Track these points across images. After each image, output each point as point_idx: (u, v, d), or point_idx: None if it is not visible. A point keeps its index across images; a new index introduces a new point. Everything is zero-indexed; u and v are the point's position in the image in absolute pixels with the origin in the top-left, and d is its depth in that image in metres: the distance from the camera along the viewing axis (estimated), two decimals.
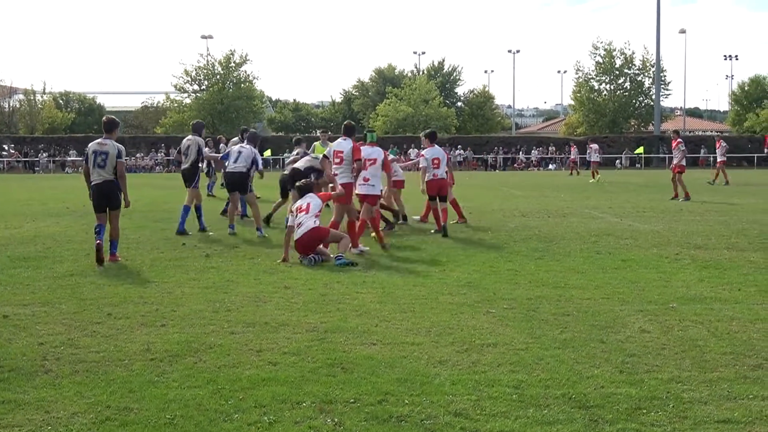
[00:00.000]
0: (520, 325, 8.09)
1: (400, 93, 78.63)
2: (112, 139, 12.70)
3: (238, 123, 71.38)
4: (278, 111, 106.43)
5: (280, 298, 9.49)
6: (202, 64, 74.98)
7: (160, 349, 7.19)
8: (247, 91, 74.99)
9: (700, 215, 19.90)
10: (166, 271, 11.49)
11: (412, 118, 75.28)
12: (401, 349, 7.18)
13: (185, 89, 75.55)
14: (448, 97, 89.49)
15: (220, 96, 73.01)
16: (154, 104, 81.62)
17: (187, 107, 74.67)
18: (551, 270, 11.53)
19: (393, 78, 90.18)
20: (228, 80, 74.58)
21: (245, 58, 75.10)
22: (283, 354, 7.04)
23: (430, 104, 77.21)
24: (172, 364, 6.74)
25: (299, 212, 12.65)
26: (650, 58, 75.46)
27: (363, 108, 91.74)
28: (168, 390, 6.04)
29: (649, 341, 7.46)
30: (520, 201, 25.55)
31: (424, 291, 9.93)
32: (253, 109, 75.90)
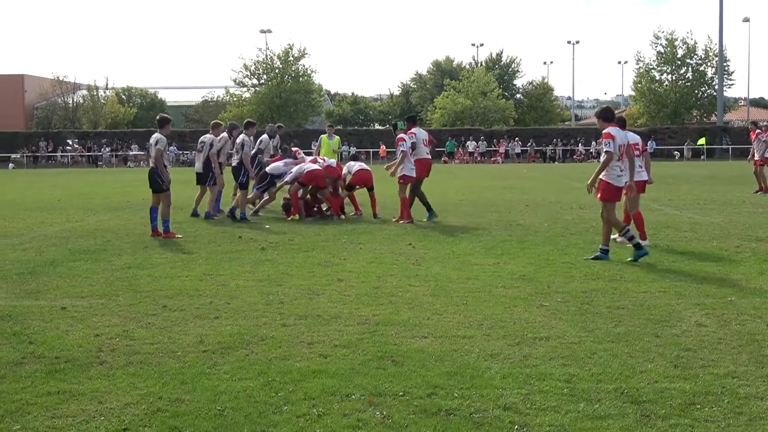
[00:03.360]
0: (574, 319, 8.01)
1: (458, 85, 78.50)
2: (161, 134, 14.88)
3: (296, 117, 72.10)
4: (336, 104, 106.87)
5: (333, 291, 9.52)
6: (261, 59, 75.66)
7: (212, 341, 7.26)
8: (305, 84, 75.43)
9: (763, 207, 19.50)
10: (221, 264, 11.60)
11: (471, 111, 75.03)
12: (452, 343, 7.15)
13: (244, 83, 76.33)
14: (507, 89, 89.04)
15: (279, 90, 73.55)
16: (214, 98, 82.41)
17: (246, 101, 75.39)
18: (607, 263, 11.38)
19: (451, 70, 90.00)
20: (286, 74, 75.07)
21: (303, 52, 75.55)
22: (334, 346, 7.06)
23: (489, 96, 76.94)
24: (224, 356, 6.80)
25: None
26: (713, 48, 74.20)
27: (421, 101, 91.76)
28: (219, 382, 6.09)
29: (705, 335, 7.32)
30: (579, 193, 25.24)
31: (478, 284, 9.88)
32: (311, 102, 76.33)
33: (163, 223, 14.73)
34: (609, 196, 11.69)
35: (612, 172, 11.63)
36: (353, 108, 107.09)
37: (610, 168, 11.61)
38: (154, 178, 14.84)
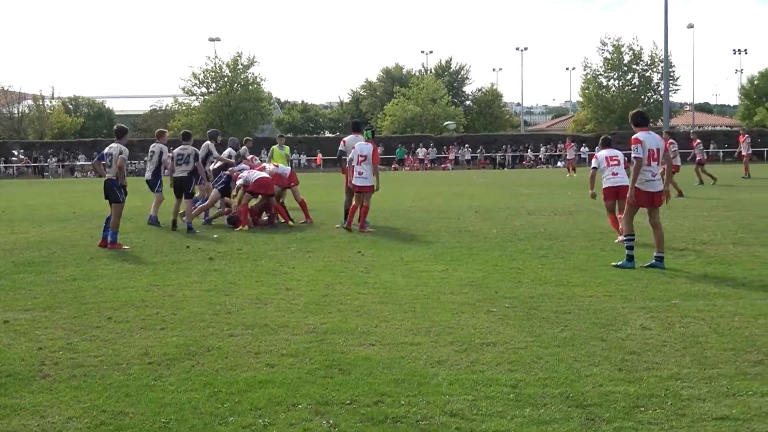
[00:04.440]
0: (521, 324, 8.06)
1: (407, 92, 78.68)
2: (121, 144, 15.00)
3: (246, 125, 71.76)
4: (286, 112, 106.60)
5: (281, 300, 9.47)
6: (210, 67, 75.16)
7: (158, 353, 7.18)
8: (254, 92, 75.14)
9: (707, 211, 19.81)
10: (168, 275, 11.49)
11: (420, 118, 75.27)
12: (400, 350, 7.15)
13: (193, 92, 75.74)
14: (456, 95, 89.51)
15: (228, 98, 73.13)
16: (162, 107, 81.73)
17: (195, 110, 74.83)
18: (555, 268, 11.49)
19: (401, 77, 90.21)
20: (236, 82, 74.67)
21: (253, 60, 75.28)
22: (281, 356, 7.02)
23: (438, 103, 77.23)
24: (169, 368, 6.72)
25: None
26: (659, 54, 75.14)
27: (371, 108, 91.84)
28: (164, 394, 6.02)
29: (649, 338, 7.41)
30: (527, 199, 25.48)
31: (426, 291, 9.90)
32: (260, 110, 76.02)
33: (111, 234, 14.56)
34: (636, 201, 11.57)
35: (641, 177, 11.49)
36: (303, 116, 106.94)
37: (641, 173, 11.46)
38: (113, 189, 14.68)
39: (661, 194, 11.63)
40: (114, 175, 14.76)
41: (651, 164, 11.51)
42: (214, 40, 78.71)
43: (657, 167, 11.61)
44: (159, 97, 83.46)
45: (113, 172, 14.78)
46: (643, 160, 11.43)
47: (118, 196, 14.69)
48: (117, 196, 14.68)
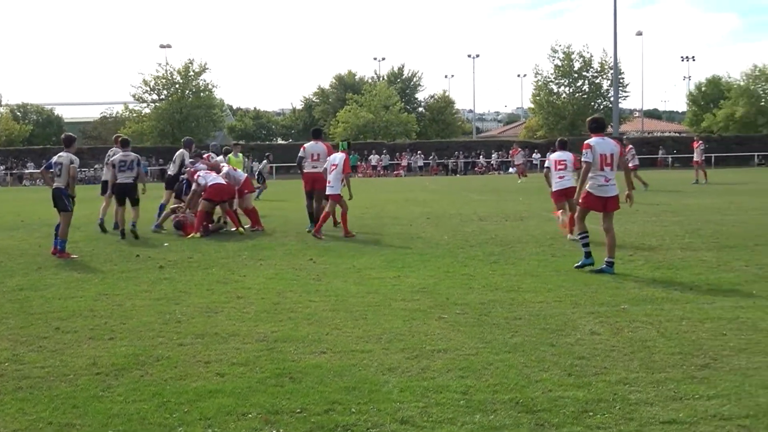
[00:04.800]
0: (472, 330, 8.09)
1: (360, 99, 78.69)
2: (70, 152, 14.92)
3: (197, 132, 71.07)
4: (239, 119, 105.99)
5: (232, 308, 9.41)
6: (161, 74, 74.43)
7: (106, 363, 7.09)
8: (206, 99, 74.50)
9: (656, 216, 20.07)
10: (118, 284, 11.35)
11: (373, 124, 75.34)
12: (351, 357, 7.14)
13: (144, 99, 74.95)
14: (409, 102, 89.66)
15: (180, 105, 72.46)
16: (112, 114, 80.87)
17: (146, 117, 74.10)
18: (506, 274, 11.55)
19: (353, 84, 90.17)
20: (187, 89, 74.00)
21: (204, 67, 74.62)
22: (231, 365, 6.97)
23: (391, 110, 77.35)
24: (118, 378, 6.64)
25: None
26: (608, 61, 76.06)
27: (324, 115, 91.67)
28: (112, 404, 5.95)
29: (598, 343, 7.48)
30: (479, 205, 25.60)
31: (378, 298, 9.90)
32: (212, 118, 75.41)
33: (60, 243, 14.40)
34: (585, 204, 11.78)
35: (593, 182, 11.64)
36: (256, 123, 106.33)
37: (592, 178, 11.61)
38: (61, 198, 14.58)
39: (614, 199, 11.72)
40: (63, 184, 14.65)
41: (603, 169, 11.61)
42: (165, 47, 78.02)
43: (611, 172, 11.68)
44: (109, 104, 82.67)
45: (63, 181, 14.66)
46: (593, 164, 11.56)
47: (66, 204, 14.57)
48: (65, 204, 14.57)
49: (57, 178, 14.73)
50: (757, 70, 76.90)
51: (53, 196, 14.71)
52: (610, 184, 11.66)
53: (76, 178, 14.69)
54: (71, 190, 14.68)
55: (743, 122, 75.03)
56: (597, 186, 11.63)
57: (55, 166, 14.80)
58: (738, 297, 9.57)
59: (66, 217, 14.53)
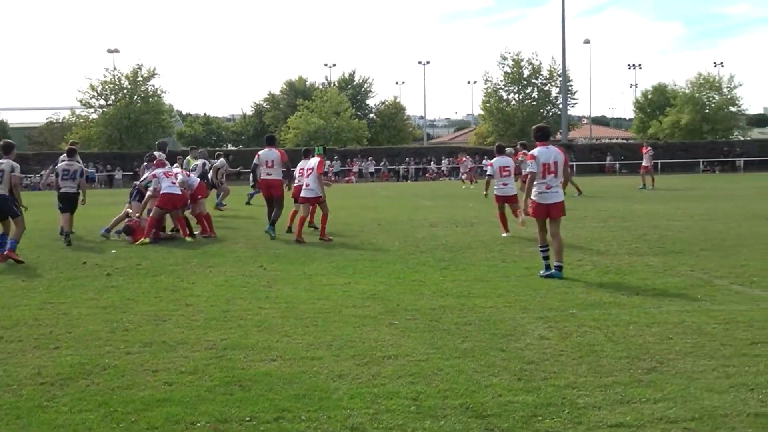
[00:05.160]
0: (422, 336, 8.10)
1: (311, 105, 78.54)
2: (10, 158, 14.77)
3: (146, 138, 70.36)
4: (188, 125, 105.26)
5: (180, 316, 9.31)
6: (109, 79, 73.53)
7: (51, 373, 6.97)
8: (155, 105, 73.64)
9: (604, 221, 20.28)
10: (63, 292, 11.17)
11: (324, 130, 75.22)
12: (301, 365, 7.10)
13: (91, 104, 73.92)
14: (360, 108, 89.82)
15: (128, 111, 71.54)
16: (59, 120, 79.72)
17: (93, 122, 73.11)
18: (456, 279, 11.59)
19: (304, 90, 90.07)
20: (135, 95, 73.16)
21: (153, 72, 73.81)
22: (179, 373, 6.89)
23: (342, 116, 77.31)
24: (63, 388, 6.53)
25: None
26: (557, 68, 76.88)
27: (274, 120, 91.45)
28: (57, 415, 5.85)
29: (547, 348, 7.54)
30: (430, 211, 25.69)
31: (328, 304, 9.87)
32: (161, 123, 74.60)
33: (11, 243, 14.29)
34: (533, 213, 11.93)
35: (536, 189, 11.83)
36: (205, 128, 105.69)
37: (535, 186, 11.81)
38: (7, 205, 14.45)
39: (557, 206, 11.85)
40: (6, 191, 14.47)
41: (546, 177, 11.80)
42: (113, 52, 77.15)
43: (554, 180, 11.85)
44: (55, 110, 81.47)
45: (5, 188, 14.47)
46: (537, 174, 11.76)
47: (15, 211, 14.55)
48: (15, 211, 14.55)
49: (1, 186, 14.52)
50: (701, 78, 78.29)
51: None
52: (552, 191, 11.84)
53: (19, 186, 14.50)
54: (18, 198, 14.59)
55: (688, 129, 76.31)
56: (538, 193, 11.82)
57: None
58: (684, 301, 9.71)
59: (19, 222, 14.50)
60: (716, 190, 35.28)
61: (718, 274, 11.69)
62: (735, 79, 78.52)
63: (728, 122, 77.98)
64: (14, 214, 14.52)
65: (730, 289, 10.47)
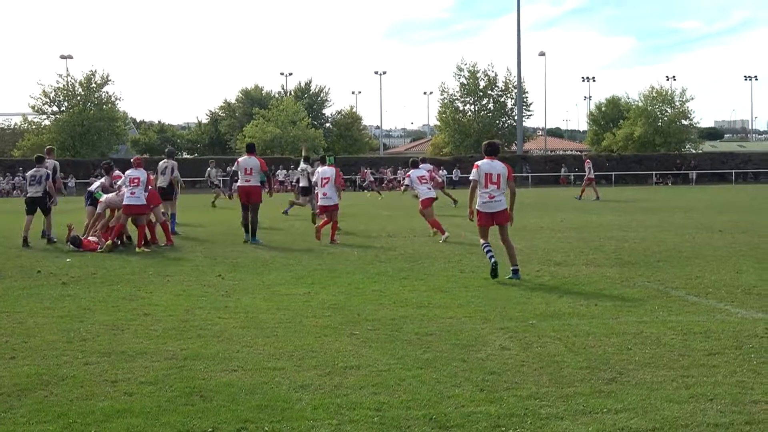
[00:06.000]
0: (384, 347, 8.09)
1: (267, 114, 78.26)
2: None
3: (99, 145, 69.73)
4: (142, 133, 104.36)
5: (138, 326, 9.21)
6: (62, 85, 72.67)
7: (8, 383, 6.85)
8: (109, 112, 72.88)
9: (561, 232, 20.45)
10: (18, 301, 11.00)
11: (280, 139, 74.99)
12: (263, 375, 7.06)
13: (44, 110, 72.97)
14: (316, 118, 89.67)
15: (81, 118, 70.73)
16: (10, 126, 78.58)
17: (46, 129, 72.20)
18: (416, 290, 11.61)
19: (260, 99, 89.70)
20: (89, 101, 72.36)
21: (107, 79, 73.08)
22: (139, 384, 6.81)
23: (298, 125, 77.13)
24: (20, 399, 6.42)
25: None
26: (512, 80, 77.44)
27: (230, 129, 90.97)
28: (15, 426, 5.75)
29: (509, 358, 7.57)
30: (387, 221, 25.71)
31: (288, 314, 9.82)
32: (115, 131, 73.94)
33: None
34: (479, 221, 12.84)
35: (479, 199, 12.66)
36: (160, 136, 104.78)
37: (479, 196, 12.67)
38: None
39: (501, 214, 12.70)
40: None
41: (488, 187, 12.64)
42: (66, 58, 76.24)
43: (496, 190, 12.64)
44: (6, 116, 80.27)
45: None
46: (479, 183, 12.68)
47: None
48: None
49: None
50: (654, 92, 79.35)
51: None
52: (495, 200, 12.67)
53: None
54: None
55: (642, 141, 77.29)
56: (482, 203, 12.68)
57: None
58: (641, 312, 9.81)
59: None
60: (669, 202, 35.72)
61: (674, 285, 11.84)
62: (687, 92, 79.59)
63: (681, 135, 79.11)
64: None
65: (686, 300, 10.61)
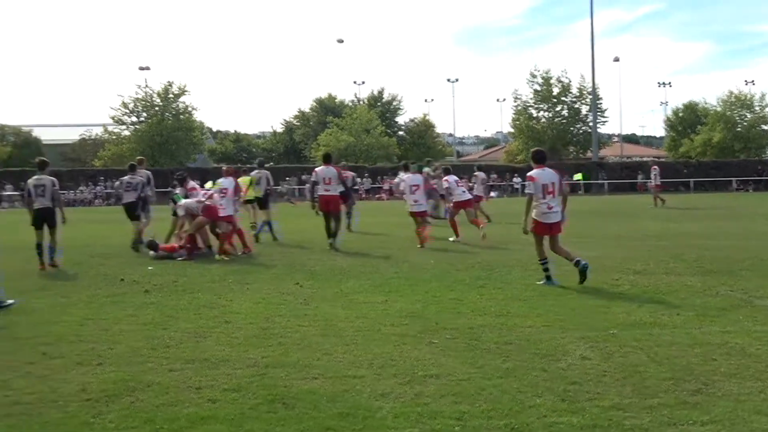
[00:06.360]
0: (463, 355, 8.08)
1: (341, 122, 78.82)
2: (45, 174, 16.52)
3: (178, 155, 70.96)
4: (219, 142, 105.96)
5: (220, 333, 9.36)
6: (140, 96, 74.29)
7: (96, 389, 7.03)
8: (186, 122, 74.32)
9: (640, 240, 20.16)
10: (103, 308, 11.27)
11: (354, 148, 75.42)
12: (343, 383, 7.11)
13: (123, 121, 74.73)
14: (389, 126, 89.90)
15: (159, 128, 72.22)
16: (92, 137, 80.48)
17: (126, 139, 73.86)
18: (493, 298, 11.56)
19: (334, 108, 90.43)
20: (167, 112, 73.87)
21: (184, 90, 74.51)
22: (223, 391, 6.92)
23: (372, 133, 77.49)
24: (108, 405, 6.59)
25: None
26: (587, 86, 76.67)
27: (304, 138, 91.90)
28: None
29: (590, 368, 7.49)
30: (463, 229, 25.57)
31: (367, 323, 9.87)
32: (192, 140, 75.27)
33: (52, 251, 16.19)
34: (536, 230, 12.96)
35: (537, 210, 12.78)
36: (236, 145, 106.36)
37: (536, 206, 12.76)
38: (51, 216, 16.33)
39: (557, 225, 12.92)
40: (49, 202, 16.33)
41: (546, 197, 12.77)
42: (144, 69, 77.87)
43: (553, 199, 12.80)
44: (88, 126, 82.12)
45: (48, 200, 16.34)
46: (536, 195, 12.75)
47: (55, 221, 16.39)
48: (55, 221, 16.38)
49: (41, 199, 16.33)
50: (732, 97, 77.72)
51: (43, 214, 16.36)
52: (553, 211, 12.84)
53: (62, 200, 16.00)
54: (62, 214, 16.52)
55: (720, 147, 75.76)
56: (542, 213, 12.81)
57: (37, 189, 16.29)
58: (725, 322, 9.61)
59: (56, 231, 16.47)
60: (751, 209, 34.93)
61: (758, 294, 11.58)
62: (767, 97, 77.69)
63: (761, 140, 77.37)
64: (54, 224, 16.33)
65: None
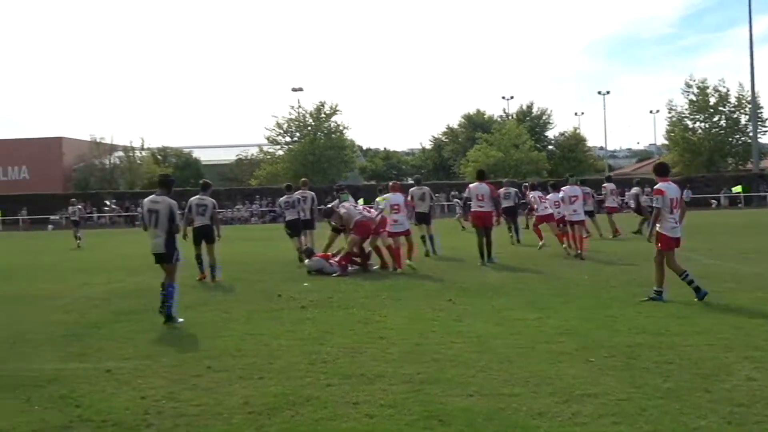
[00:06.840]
0: (621, 374, 7.91)
1: (490, 138, 78.58)
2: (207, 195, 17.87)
3: (330, 173, 72.38)
4: (369, 160, 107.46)
5: (375, 349, 9.48)
6: (294, 116, 76.39)
7: (258, 403, 7.25)
8: (338, 141, 75.91)
9: None
10: (262, 323, 11.61)
11: (503, 163, 75.05)
12: (499, 401, 7.08)
13: (278, 141, 77.04)
14: (539, 140, 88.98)
15: (312, 147, 74.03)
16: (248, 157, 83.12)
17: (280, 159, 75.98)
18: (651, 315, 11.25)
19: (482, 123, 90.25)
20: (319, 131, 75.64)
21: (335, 109, 76.17)
22: (380, 406, 7.01)
23: (521, 148, 76.93)
24: (270, 418, 6.78)
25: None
26: (746, 95, 73.65)
27: (453, 154, 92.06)
28: None
29: (757, 390, 7.19)
30: (617, 244, 25.08)
31: (521, 340, 9.79)
32: (344, 158, 76.76)
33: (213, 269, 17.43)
34: (664, 246, 12.64)
35: (666, 225, 12.57)
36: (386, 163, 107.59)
37: (664, 221, 12.56)
38: (209, 233, 17.57)
39: (680, 239, 12.85)
40: (209, 221, 17.60)
41: (673, 212, 12.67)
42: (297, 90, 79.93)
43: (678, 214, 12.74)
44: (244, 147, 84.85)
45: (207, 219, 17.62)
46: (664, 209, 12.56)
47: (214, 237, 17.65)
48: (213, 237, 17.62)
49: (200, 217, 17.56)
50: None
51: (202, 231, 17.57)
52: (679, 226, 12.80)
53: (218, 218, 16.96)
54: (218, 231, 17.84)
55: None
56: (671, 228, 12.65)
57: (198, 208, 17.56)
58: None
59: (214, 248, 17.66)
60: None
61: None
62: None
63: None
64: (212, 240, 17.53)
65: None
